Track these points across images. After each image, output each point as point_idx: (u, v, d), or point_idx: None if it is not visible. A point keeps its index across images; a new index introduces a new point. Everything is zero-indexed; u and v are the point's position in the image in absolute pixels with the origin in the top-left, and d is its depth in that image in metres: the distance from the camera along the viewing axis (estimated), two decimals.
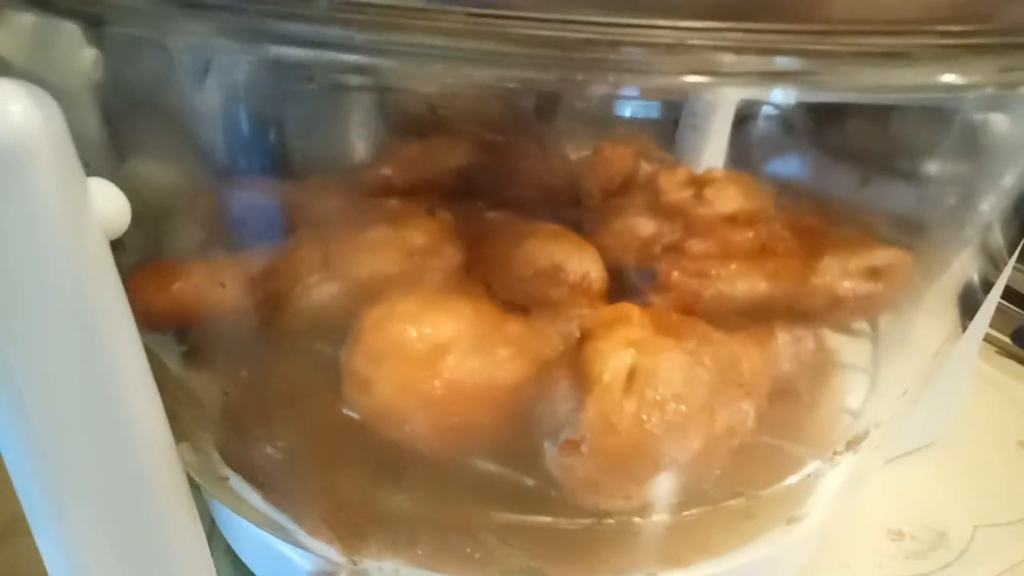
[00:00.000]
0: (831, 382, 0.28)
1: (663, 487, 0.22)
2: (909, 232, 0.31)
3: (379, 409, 0.22)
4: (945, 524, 0.34)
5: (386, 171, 0.37)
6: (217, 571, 0.30)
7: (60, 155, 0.16)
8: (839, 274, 0.30)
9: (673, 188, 0.37)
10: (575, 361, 0.23)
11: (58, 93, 0.22)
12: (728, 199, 0.36)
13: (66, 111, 0.21)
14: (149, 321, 0.26)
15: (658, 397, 0.21)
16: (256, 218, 0.28)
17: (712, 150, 0.42)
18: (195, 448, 0.24)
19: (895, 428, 0.29)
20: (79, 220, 0.16)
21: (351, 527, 0.23)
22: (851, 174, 0.37)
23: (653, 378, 0.22)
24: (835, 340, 0.30)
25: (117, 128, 0.26)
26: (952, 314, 0.33)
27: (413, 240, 0.29)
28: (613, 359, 0.22)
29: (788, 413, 0.26)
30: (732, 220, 0.34)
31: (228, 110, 0.29)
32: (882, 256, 0.30)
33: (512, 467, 0.23)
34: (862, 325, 0.32)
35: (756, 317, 0.29)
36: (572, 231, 0.32)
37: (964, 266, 0.30)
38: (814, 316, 0.30)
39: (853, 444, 0.26)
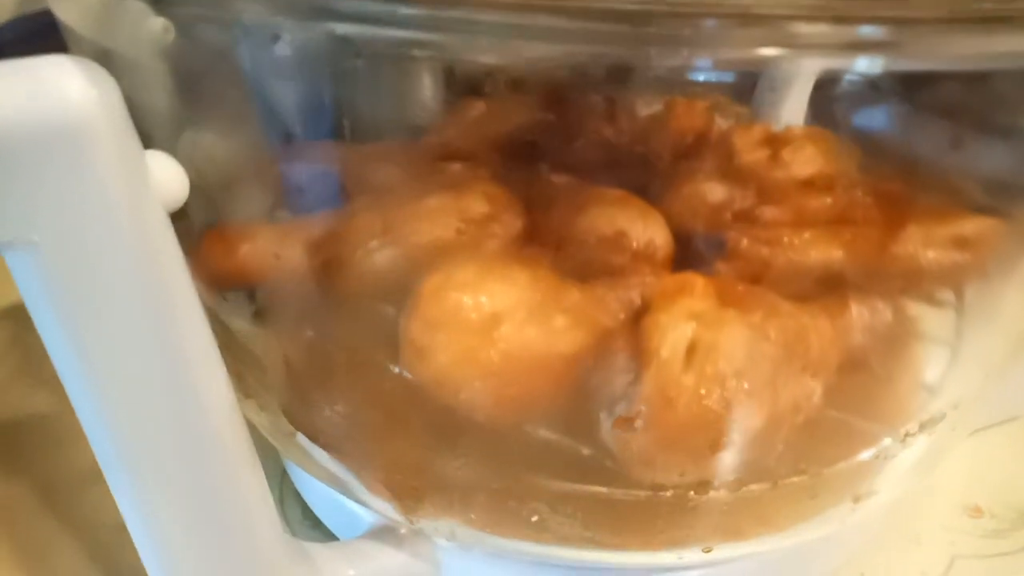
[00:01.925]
0: (908, 355, 0.26)
1: (721, 464, 0.21)
2: (1004, 198, 0.28)
3: (436, 377, 0.22)
4: None
5: (447, 135, 0.37)
6: (288, 519, 0.32)
7: (119, 132, 0.16)
8: (923, 243, 0.28)
9: (748, 148, 0.35)
10: (635, 332, 0.22)
11: (128, 64, 0.23)
12: (806, 161, 0.33)
13: (136, 81, 0.21)
14: (217, 282, 0.27)
15: (718, 372, 0.20)
16: (318, 184, 0.28)
17: (791, 108, 0.40)
18: (261, 407, 0.25)
19: (977, 406, 0.27)
20: (139, 195, 0.16)
21: (409, 489, 0.23)
22: (942, 134, 0.34)
23: (714, 353, 0.21)
24: (915, 310, 0.28)
25: (188, 97, 0.26)
26: None
27: (472, 207, 0.28)
28: (672, 332, 0.21)
29: (859, 387, 0.25)
30: (809, 184, 0.32)
31: (293, 80, 0.29)
32: (972, 224, 0.28)
33: (568, 436, 0.22)
34: (946, 295, 0.30)
35: (830, 288, 0.27)
36: (637, 196, 0.31)
37: None
38: (894, 287, 0.28)
39: (929, 425, 0.24)
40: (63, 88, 0.15)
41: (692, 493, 0.21)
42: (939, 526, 0.31)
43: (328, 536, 0.30)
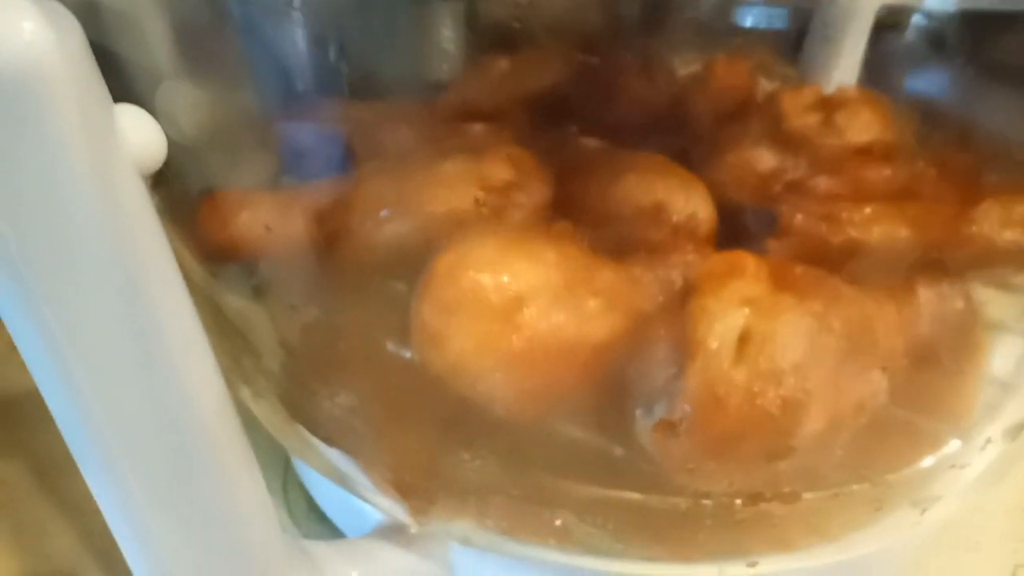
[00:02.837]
0: (981, 347, 0.24)
1: (775, 472, 0.19)
2: None
3: (451, 366, 0.20)
4: None
5: (470, 92, 0.34)
6: (293, 512, 0.30)
7: (82, 81, 0.14)
8: (1000, 222, 0.25)
9: (797, 112, 0.32)
10: (677, 319, 0.20)
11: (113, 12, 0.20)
12: (862, 127, 0.31)
13: (136, 28, 0.19)
14: (213, 255, 0.25)
15: (775, 368, 0.18)
16: (324, 147, 0.26)
17: (845, 67, 0.37)
18: (258, 394, 0.23)
19: None
20: (106, 155, 0.14)
21: (418, 490, 0.21)
22: (1015, 99, 0.31)
23: (770, 345, 0.18)
24: (988, 296, 0.25)
25: (180, 48, 0.24)
26: None
27: (494, 173, 0.26)
28: (722, 320, 0.19)
29: (927, 383, 0.22)
30: (866, 153, 0.30)
31: (300, 29, 0.27)
32: None
33: (599, 435, 0.20)
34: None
35: (895, 270, 0.25)
36: (678, 164, 0.28)
37: None
38: (967, 270, 0.26)
39: (1014, 432, 0.22)
40: (14, 29, 0.13)
41: (739, 503, 0.19)
42: (1001, 533, 0.29)
43: (334, 531, 0.28)
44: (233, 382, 0.25)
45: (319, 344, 0.23)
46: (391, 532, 0.25)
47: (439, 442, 0.21)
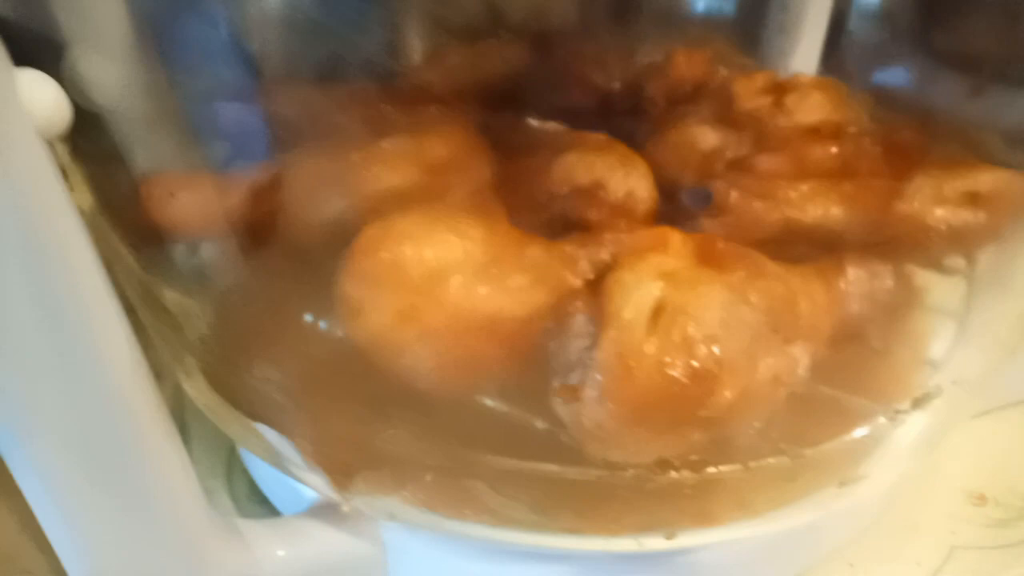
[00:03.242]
0: (909, 326, 0.24)
1: (687, 442, 0.19)
2: None
3: (373, 338, 0.20)
4: None
5: (429, 76, 0.35)
6: (235, 495, 0.30)
7: None
8: (931, 199, 0.26)
9: (749, 95, 0.33)
10: (596, 292, 0.20)
11: None
12: (812, 108, 0.31)
13: None
14: (155, 234, 0.25)
15: (687, 338, 0.18)
16: (270, 128, 0.26)
17: (803, 55, 0.37)
18: (189, 373, 0.23)
19: (983, 385, 0.26)
20: (5, 119, 0.14)
21: (340, 463, 0.22)
22: (961, 82, 0.32)
23: (682, 316, 0.19)
24: (920, 277, 0.26)
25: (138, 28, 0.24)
26: None
27: (434, 151, 0.26)
28: (637, 292, 0.19)
29: (851, 361, 0.23)
30: (814, 133, 0.30)
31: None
32: (986, 179, 0.26)
33: (520, 408, 0.21)
34: (956, 261, 0.28)
35: (828, 248, 0.25)
36: (621, 143, 0.29)
37: None
38: (899, 249, 0.26)
39: (922, 402, 0.23)
40: None
41: (653, 474, 0.20)
42: (940, 513, 0.29)
43: (274, 513, 0.29)
44: (169, 364, 0.25)
45: (245, 319, 0.23)
46: (323, 510, 0.25)
47: (360, 416, 0.21)
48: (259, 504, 0.30)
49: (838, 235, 0.26)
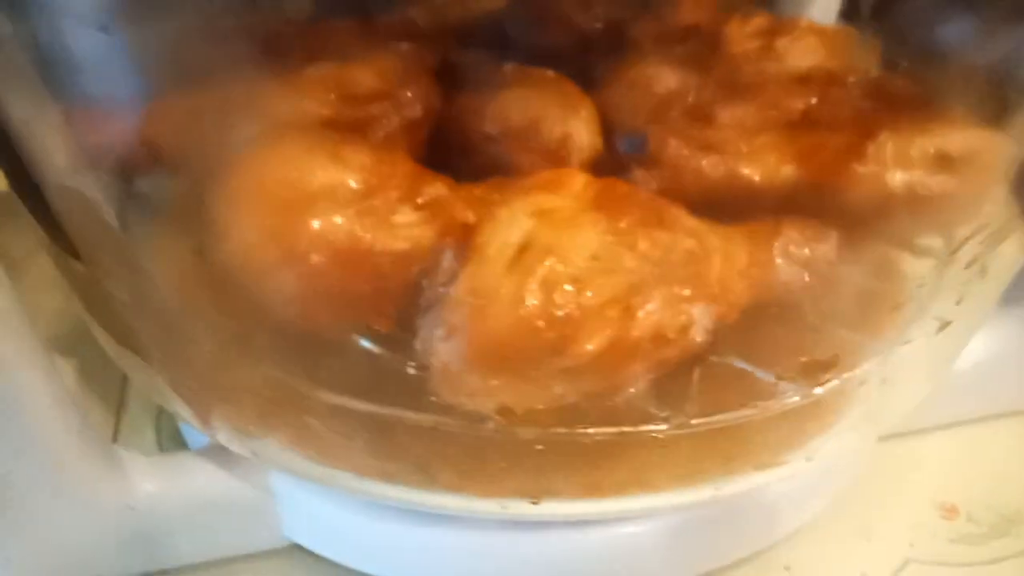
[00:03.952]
0: (853, 301, 0.22)
1: (549, 394, 0.18)
2: None
3: (237, 260, 0.20)
4: (1020, 509, 0.27)
5: (415, 11, 0.34)
6: (161, 436, 0.30)
7: None
8: (893, 159, 0.23)
9: (739, 38, 0.31)
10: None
11: None
12: (803, 53, 0.29)
13: None
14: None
15: (547, 278, 0.17)
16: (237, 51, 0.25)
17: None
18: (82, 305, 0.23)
19: (922, 371, 0.23)
20: None
21: (199, 395, 0.21)
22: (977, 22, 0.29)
23: (548, 255, 0.18)
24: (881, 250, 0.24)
25: None
26: None
27: (357, 81, 0.25)
28: (507, 228, 0.18)
29: (771, 331, 0.21)
30: (804, 81, 0.28)
31: None
32: (960, 138, 0.23)
33: (389, 351, 0.20)
34: (931, 241, 0.25)
35: (771, 208, 0.24)
36: (570, 83, 0.27)
37: None
38: (859, 219, 0.24)
39: (810, 372, 0.21)
40: None
41: (518, 429, 0.19)
42: (900, 523, 0.27)
43: None
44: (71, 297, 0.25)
45: (115, 244, 0.23)
46: (215, 451, 0.25)
47: (220, 345, 0.21)
48: (181, 447, 0.30)
49: (790, 197, 0.24)
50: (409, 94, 0.26)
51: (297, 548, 0.26)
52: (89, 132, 0.25)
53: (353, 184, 0.20)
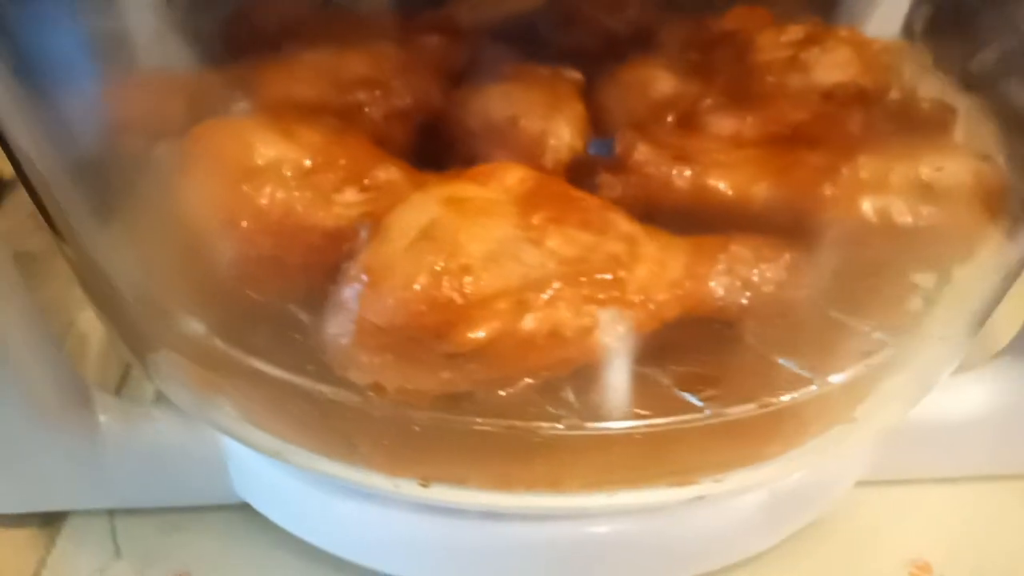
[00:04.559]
0: (796, 327, 0.22)
1: (436, 378, 0.19)
2: None
3: (185, 220, 0.21)
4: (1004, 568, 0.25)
5: (458, 9, 0.35)
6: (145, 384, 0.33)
7: None
8: (870, 184, 0.22)
9: (771, 47, 0.30)
10: None
11: None
12: (834, 65, 0.28)
13: None
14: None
15: (440, 264, 0.18)
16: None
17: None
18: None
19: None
20: None
21: (138, 344, 0.23)
22: None
23: (445, 241, 0.18)
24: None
25: None
26: None
27: (350, 68, 0.27)
28: (414, 212, 0.19)
29: (704, 346, 0.21)
30: (828, 95, 0.28)
31: None
32: (952, 166, 0.22)
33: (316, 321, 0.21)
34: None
35: (729, 224, 0.23)
36: (568, 81, 0.28)
37: None
38: (833, 246, 0.23)
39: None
40: None
41: (410, 411, 0.19)
42: (867, 572, 0.26)
43: None
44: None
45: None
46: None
47: (161, 300, 0.23)
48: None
49: (759, 217, 0.24)
50: (399, 84, 0.27)
51: (249, 507, 0.27)
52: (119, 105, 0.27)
53: (298, 160, 0.22)
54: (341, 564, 0.25)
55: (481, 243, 0.18)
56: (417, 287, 0.18)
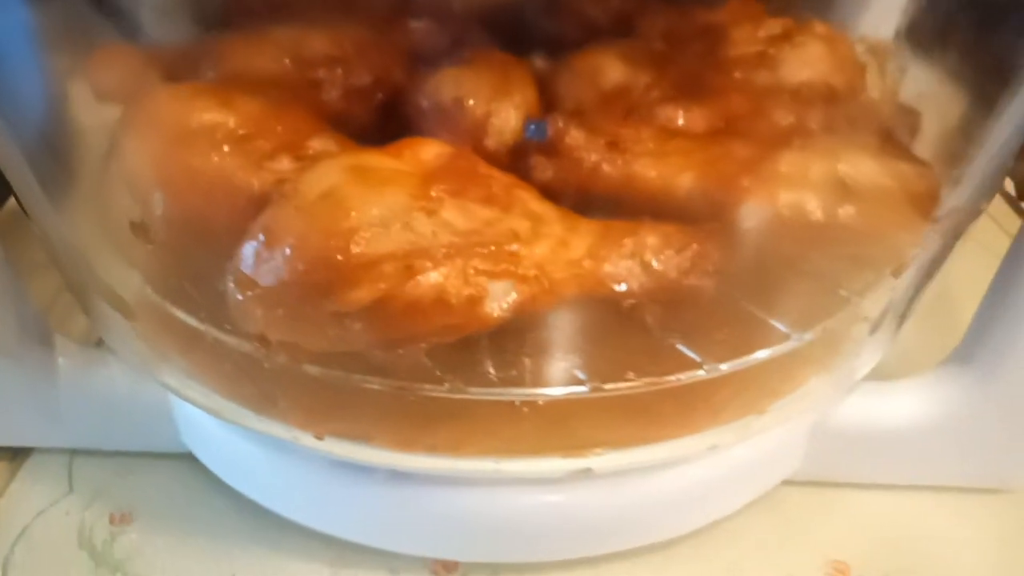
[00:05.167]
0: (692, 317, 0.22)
1: (324, 334, 0.20)
2: None
3: (126, 177, 0.23)
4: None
5: None
6: None
7: None
8: (788, 179, 0.23)
9: (744, 42, 0.31)
10: None
11: None
12: (804, 62, 0.29)
13: None
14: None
15: (331, 225, 0.19)
16: None
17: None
18: None
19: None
20: None
21: (81, 291, 0.25)
22: None
23: (338, 205, 0.20)
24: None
25: None
26: None
27: (310, 46, 0.29)
28: (317, 177, 0.21)
29: (595, 328, 0.22)
30: (795, 95, 0.28)
31: None
32: (872, 168, 0.22)
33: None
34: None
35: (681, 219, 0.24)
36: (523, 67, 0.29)
37: None
38: (750, 238, 0.24)
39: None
40: None
41: (306, 366, 0.21)
42: (781, 571, 0.26)
43: None
44: None
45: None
46: None
47: (106, 250, 0.25)
48: None
49: (683, 206, 0.24)
50: (360, 63, 0.29)
51: (194, 457, 0.29)
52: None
53: (233, 127, 0.23)
54: (277, 518, 0.27)
55: (372, 208, 0.20)
56: (306, 246, 0.19)
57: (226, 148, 0.23)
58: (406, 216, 0.20)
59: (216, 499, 0.29)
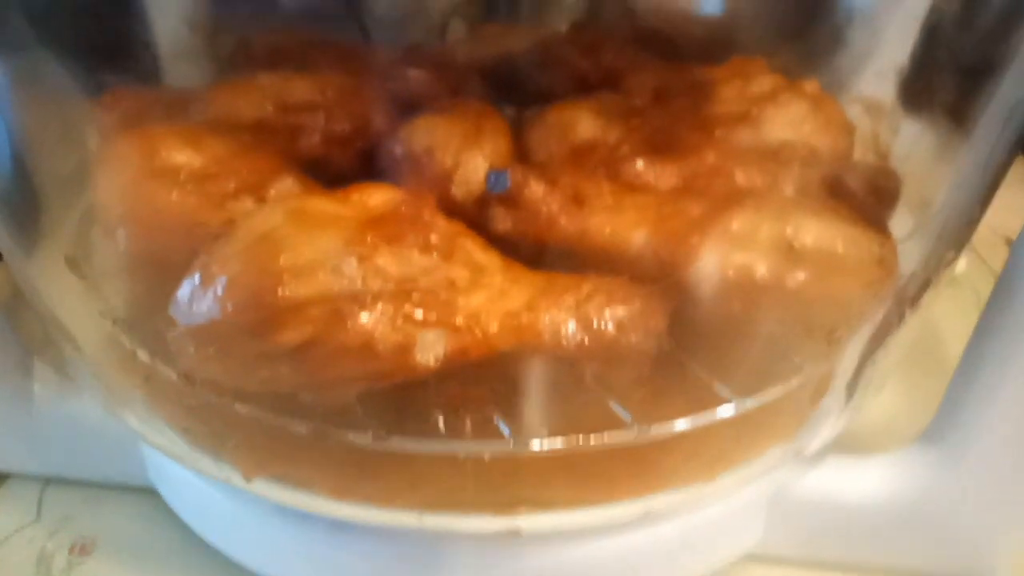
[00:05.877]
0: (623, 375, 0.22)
1: (255, 375, 0.21)
2: None
3: (98, 208, 0.25)
4: None
5: (460, 47, 0.38)
6: None
7: None
8: (739, 238, 0.23)
9: (731, 99, 0.31)
10: None
11: None
12: (787, 121, 0.29)
13: None
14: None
15: (262, 265, 0.20)
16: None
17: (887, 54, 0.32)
18: None
19: None
20: None
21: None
22: None
23: (272, 248, 0.21)
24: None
25: None
26: None
27: (293, 92, 0.30)
28: (259, 218, 0.22)
29: (518, 381, 0.22)
30: (773, 155, 0.28)
31: None
32: (824, 232, 0.22)
33: None
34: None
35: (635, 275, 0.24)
36: (498, 118, 0.30)
37: None
38: (698, 298, 0.24)
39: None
40: None
41: (236, 404, 0.22)
42: None
43: None
44: None
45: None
46: None
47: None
48: None
49: (635, 262, 0.25)
50: (340, 111, 0.30)
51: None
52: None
53: (198, 168, 0.25)
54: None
55: (304, 251, 0.20)
56: (237, 286, 0.20)
57: (189, 187, 0.24)
58: (337, 260, 0.21)
59: (177, 536, 0.29)
